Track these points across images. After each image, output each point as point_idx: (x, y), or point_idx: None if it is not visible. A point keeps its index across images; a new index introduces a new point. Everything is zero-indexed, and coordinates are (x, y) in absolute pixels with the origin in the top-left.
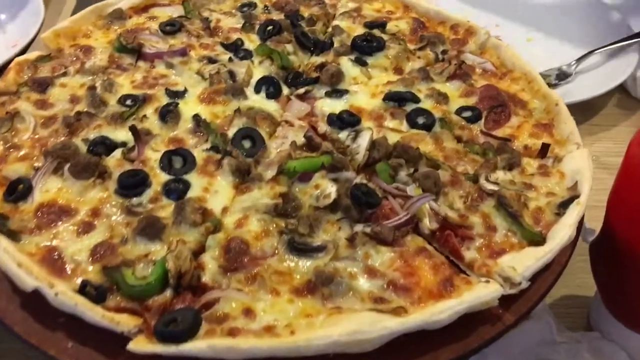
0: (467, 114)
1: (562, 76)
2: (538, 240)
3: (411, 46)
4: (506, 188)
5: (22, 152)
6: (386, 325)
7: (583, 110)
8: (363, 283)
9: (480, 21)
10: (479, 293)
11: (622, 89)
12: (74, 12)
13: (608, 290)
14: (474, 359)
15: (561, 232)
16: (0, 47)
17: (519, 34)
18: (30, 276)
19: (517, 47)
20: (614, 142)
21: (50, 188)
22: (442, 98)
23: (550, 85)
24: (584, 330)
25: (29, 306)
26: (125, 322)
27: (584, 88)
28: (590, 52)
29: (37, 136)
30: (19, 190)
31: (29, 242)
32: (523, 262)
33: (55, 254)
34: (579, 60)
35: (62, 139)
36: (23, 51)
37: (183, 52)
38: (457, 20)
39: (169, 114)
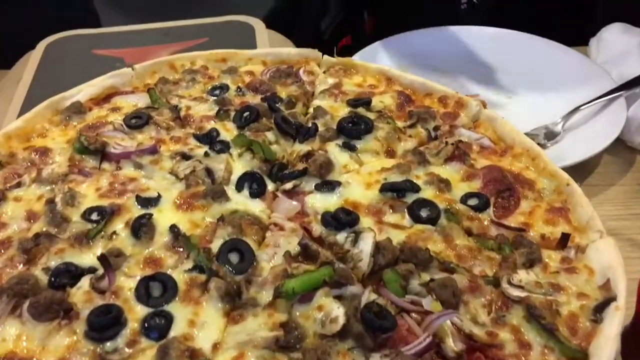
0: (474, 201)
1: (550, 135)
2: (580, 357)
3: (400, 123)
4: (533, 292)
5: None
6: None
7: (577, 171)
8: None
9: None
10: None
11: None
12: (25, 100)
13: None
14: None
15: (606, 349)
16: None
17: (500, 91)
18: None
19: (498, 104)
20: (617, 204)
21: (6, 336)
22: (444, 185)
23: (539, 145)
24: None
25: None
26: None
27: (575, 147)
28: (577, 109)
29: None
30: None
31: None
32: None
33: None
34: (566, 117)
35: (19, 268)
36: None
37: (153, 150)
38: (444, 92)
39: (142, 228)
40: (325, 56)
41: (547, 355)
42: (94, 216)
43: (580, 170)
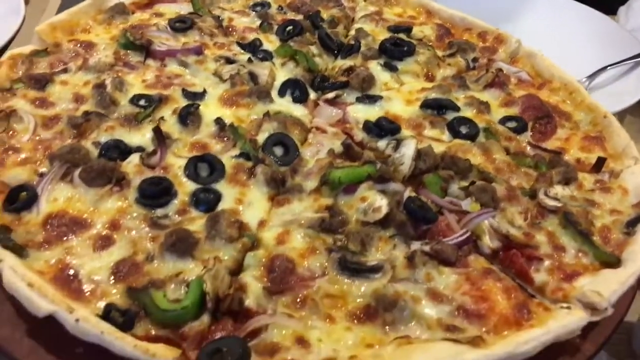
0: (512, 124)
1: None
2: (613, 261)
3: (440, 52)
4: (569, 204)
5: (22, 156)
6: (467, 358)
7: None
8: (429, 308)
9: None
10: (565, 321)
11: (636, 104)
12: (59, 11)
13: None
14: None
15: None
16: None
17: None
18: (45, 299)
19: None
20: None
21: (58, 196)
22: (484, 107)
23: None
24: (626, 357)
25: (38, 334)
26: (162, 354)
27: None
28: (603, 69)
29: (38, 138)
30: (21, 198)
31: (38, 258)
32: (607, 286)
33: (70, 272)
34: (591, 76)
35: (69, 141)
36: (3, 49)
37: (198, 51)
38: (484, 27)
39: (189, 117)
40: None
41: (581, 259)
42: (142, 102)
43: None
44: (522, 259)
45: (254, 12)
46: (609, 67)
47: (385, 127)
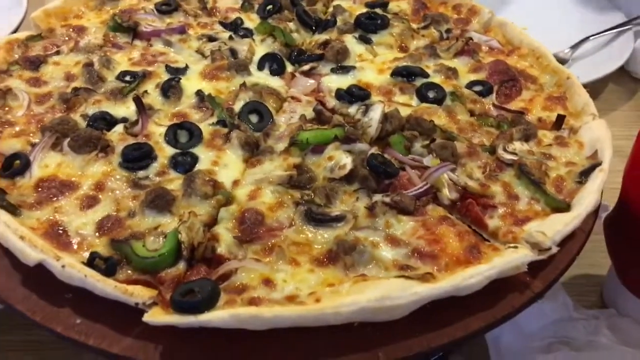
0: (478, 87)
1: (560, 62)
2: (563, 207)
3: (414, 25)
4: (525, 158)
5: (16, 129)
6: (416, 291)
7: None
8: (386, 252)
9: None
10: (509, 257)
11: (618, 72)
12: None
13: (624, 264)
14: (490, 337)
15: (587, 199)
16: None
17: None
18: (35, 249)
19: None
20: (617, 126)
21: (49, 163)
22: (452, 73)
23: None
24: (598, 308)
25: (31, 282)
26: (139, 293)
27: (582, 73)
28: (586, 39)
29: (31, 113)
30: (15, 165)
31: (30, 216)
32: (552, 227)
33: (59, 228)
34: (575, 46)
35: (60, 115)
36: None
37: (181, 30)
38: (458, 0)
39: (171, 89)
40: None
41: (533, 205)
42: (127, 78)
43: None
44: (478, 207)
45: None
46: (591, 37)
47: (356, 94)
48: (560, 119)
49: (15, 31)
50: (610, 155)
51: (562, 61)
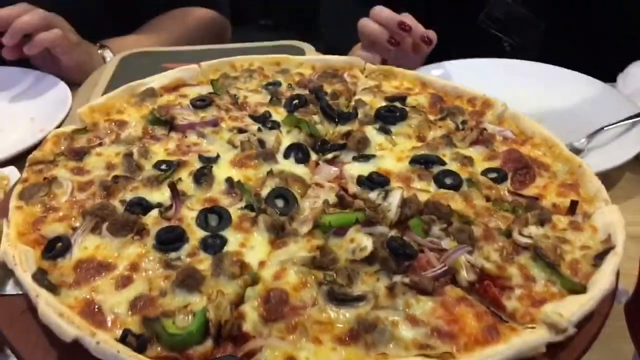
0: (493, 175)
1: (574, 152)
2: (579, 289)
3: (431, 117)
4: (541, 241)
5: (60, 214)
6: None
7: None
8: (406, 331)
9: None
10: (527, 338)
11: (634, 161)
12: None
13: None
14: None
15: (602, 280)
16: (29, 132)
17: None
18: (72, 325)
19: None
20: (633, 213)
21: (88, 245)
22: (467, 161)
23: None
24: None
25: (66, 359)
26: None
27: (598, 163)
28: (601, 129)
29: (74, 199)
30: (57, 248)
31: (68, 295)
32: (568, 308)
33: (95, 306)
34: (590, 137)
35: (100, 200)
36: None
37: (214, 123)
38: (473, 94)
39: (203, 177)
40: (368, 64)
41: (550, 287)
42: (163, 167)
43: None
44: (495, 289)
45: (266, 90)
46: (606, 128)
47: (376, 181)
48: (574, 205)
49: (60, 125)
50: (624, 239)
51: (578, 151)
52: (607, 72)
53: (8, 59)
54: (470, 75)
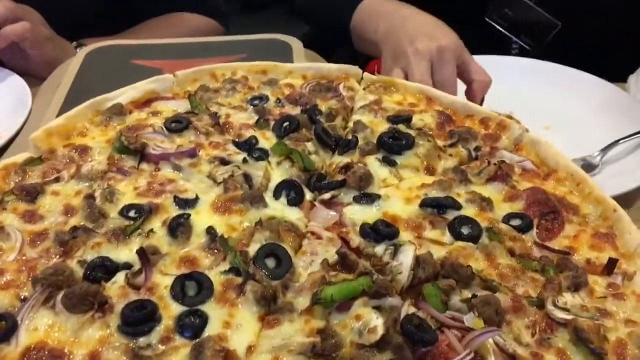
0: (517, 222)
1: (588, 167)
2: None
3: (440, 142)
4: (579, 316)
5: (5, 278)
6: None
7: None
8: None
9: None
10: None
11: None
12: (64, 104)
13: None
14: None
15: None
16: None
17: (535, 121)
18: None
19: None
20: None
21: (39, 325)
22: (486, 204)
23: None
24: None
25: None
26: None
27: (613, 180)
28: (615, 142)
29: (24, 257)
30: (0, 328)
31: None
32: None
33: None
34: (604, 150)
35: (55, 260)
36: (8, 143)
37: (192, 153)
38: (486, 113)
39: (179, 228)
40: (366, 73)
41: None
42: (132, 213)
43: (619, 203)
44: None
45: (251, 107)
46: (621, 141)
47: (383, 232)
48: (612, 263)
49: (19, 132)
50: None
51: (592, 167)
52: (617, 72)
53: None
54: None
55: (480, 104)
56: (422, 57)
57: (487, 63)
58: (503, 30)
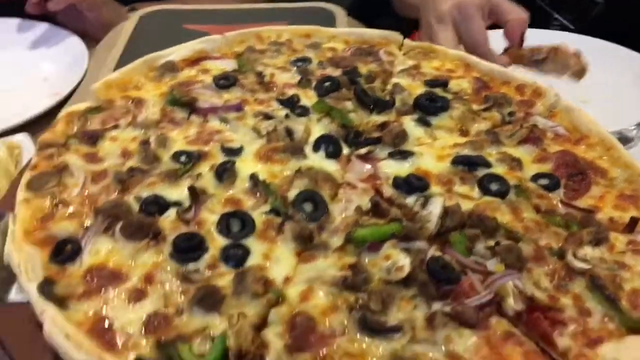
0: (544, 181)
1: (624, 140)
2: (639, 327)
3: (475, 106)
4: (598, 266)
5: (70, 209)
6: None
7: None
8: None
9: None
10: None
11: None
12: (118, 63)
13: None
14: None
15: None
16: (42, 95)
17: (573, 95)
18: (79, 351)
19: None
20: None
21: (100, 249)
22: (515, 164)
23: None
24: None
25: None
26: None
27: None
28: None
29: (86, 192)
30: (66, 251)
31: (77, 309)
32: (629, 353)
33: (105, 324)
34: None
35: (114, 196)
36: (65, 100)
37: (238, 107)
38: (522, 80)
39: (225, 172)
40: (406, 40)
41: (607, 324)
42: (183, 158)
43: None
44: (546, 322)
45: (295, 68)
46: None
47: (415, 184)
48: (634, 222)
49: (76, 88)
50: None
51: (627, 139)
52: None
53: (32, 14)
54: None
55: (520, 43)
56: (443, 22)
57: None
58: (544, 6)
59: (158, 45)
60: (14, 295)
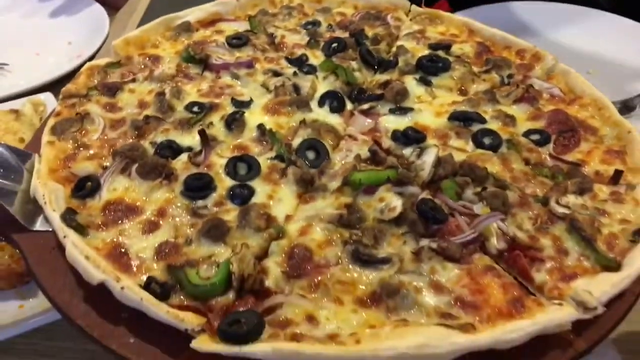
0: (535, 136)
1: (625, 110)
2: (613, 266)
3: (476, 69)
4: (578, 212)
5: (90, 152)
6: (456, 341)
7: None
8: (429, 298)
9: None
10: (553, 315)
11: None
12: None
13: None
14: None
15: (638, 260)
16: (65, 57)
17: (578, 66)
18: (98, 269)
19: None
20: None
21: (117, 187)
22: (509, 120)
23: None
24: None
25: (92, 300)
26: (189, 320)
27: None
28: None
29: (105, 137)
30: (87, 187)
31: (96, 237)
32: (599, 287)
33: (121, 250)
34: None
35: (131, 140)
36: (87, 62)
37: (249, 64)
38: (523, 45)
39: (234, 122)
40: (413, 6)
41: (582, 262)
42: (195, 109)
43: None
44: (525, 260)
45: (305, 30)
46: None
47: (412, 136)
48: (618, 174)
49: (98, 50)
50: None
51: (629, 108)
52: None
53: None
54: (520, 17)
55: None
56: None
57: (537, 10)
58: None
59: (175, 12)
60: (38, 226)
